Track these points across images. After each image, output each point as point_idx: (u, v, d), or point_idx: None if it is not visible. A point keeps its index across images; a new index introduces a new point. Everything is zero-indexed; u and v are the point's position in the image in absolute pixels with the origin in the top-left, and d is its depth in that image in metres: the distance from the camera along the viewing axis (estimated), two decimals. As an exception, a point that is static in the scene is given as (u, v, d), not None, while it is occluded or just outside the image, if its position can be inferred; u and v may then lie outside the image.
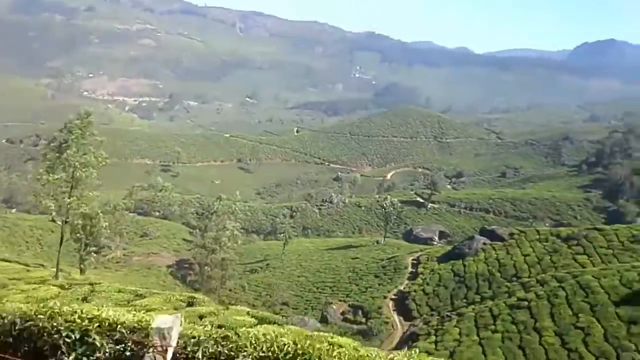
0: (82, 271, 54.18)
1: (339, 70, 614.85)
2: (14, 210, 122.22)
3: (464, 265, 65.77)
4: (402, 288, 67.45)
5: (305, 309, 71.41)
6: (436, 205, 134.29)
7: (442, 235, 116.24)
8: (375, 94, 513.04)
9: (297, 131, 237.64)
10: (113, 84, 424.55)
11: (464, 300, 58.23)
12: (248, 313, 19.50)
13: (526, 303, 46.25)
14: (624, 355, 36.56)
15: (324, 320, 64.41)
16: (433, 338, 46.64)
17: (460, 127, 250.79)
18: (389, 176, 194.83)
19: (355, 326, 61.46)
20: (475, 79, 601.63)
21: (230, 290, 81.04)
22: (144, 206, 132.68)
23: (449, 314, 51.52)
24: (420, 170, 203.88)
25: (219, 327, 16.64)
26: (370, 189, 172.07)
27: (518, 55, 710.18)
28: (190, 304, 21.43)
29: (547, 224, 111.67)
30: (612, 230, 62.70)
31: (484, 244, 70.45)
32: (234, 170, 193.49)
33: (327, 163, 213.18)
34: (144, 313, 5.59)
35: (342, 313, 64.92)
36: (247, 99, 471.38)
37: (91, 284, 25.20)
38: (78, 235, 51.81)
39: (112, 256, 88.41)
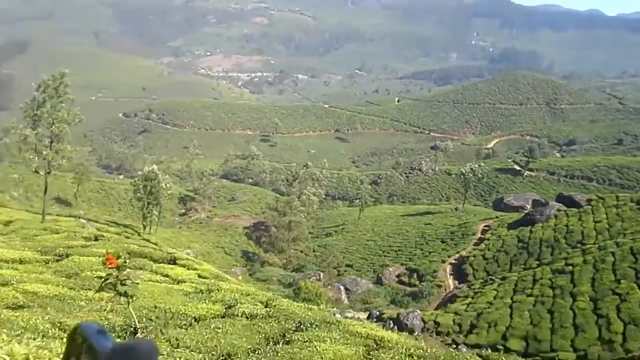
0: (144, 227, 58.09)
1: (454, 38, 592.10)
2: (121, 177, 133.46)
3: (531, 232, 62.15)
4: (464, 253, 65.33)
5: (368, 271, 71.61)
6: (533, 174, 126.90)
7: (535, 203, 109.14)
8: (490, 61, 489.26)
9: (398, 100, 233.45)
10: (228, 61, 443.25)
11: (522, 266, 55.26)
12: (156, 243, 20.27)
13: (570, 268, 43.02)
14: (656, 323, 33.08)
15: (378, 281, 64.38)
16: (469, 300, 44.97)
17: (577, 92, 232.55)
18: (491, 144, 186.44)
19: (408, 288, 60.87)
20: (605, 42, 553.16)
21: (301, 251, 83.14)
22: (238, 173, 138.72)
23: (492, 277, 49.26)
24: (528, 137, 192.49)
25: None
26: (470, 158, 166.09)
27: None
28: (96, 239, 22.61)
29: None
30: (701, 195, 55.98)
31: (558, 210, 66.02)
32: (331, 140, 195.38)
33: (427, 132, 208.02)
34: None
35: (398, 275, 64.33)
36: (357, 71, 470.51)
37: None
38: (139, 194, 55.87)
39: (196, 217, 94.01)
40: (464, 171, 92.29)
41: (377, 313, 45.00)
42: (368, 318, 45.65)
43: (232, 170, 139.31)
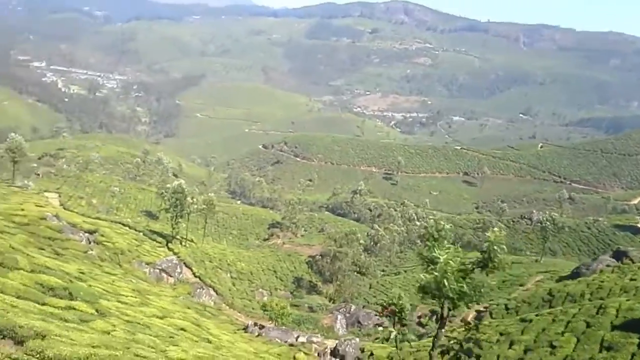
0: (173, 237, 65.06)
1: (637, 85, 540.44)
2: (239, 202, 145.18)
3: (564, 285, 57.70)
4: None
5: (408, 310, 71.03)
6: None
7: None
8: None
9: (541, 146, 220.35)
10: (384, 100, 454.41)
11: (535, 318, 51.99)
12: None
13: (534, 317, 40.44)
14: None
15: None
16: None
17: None
18: (637, 200, 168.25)
19: (422, 329, 59.92)
20: None
21: (361, 285, 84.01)
22: (344, 207, 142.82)
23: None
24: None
25: None
26: (603, 212, 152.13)
27: None
28: None
29: None
30: None
31: (607, 265, 60.49)
32: (457, 183, 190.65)
33: (568, 182, 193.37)
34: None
35: (419, 317, 63.63)
36: (521, 115, 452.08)
37: None
38: (164, 206, 63.33)
39: (273, 243, 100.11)
40: (541, 219, 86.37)
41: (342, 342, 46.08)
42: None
43: (338, 204, 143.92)
